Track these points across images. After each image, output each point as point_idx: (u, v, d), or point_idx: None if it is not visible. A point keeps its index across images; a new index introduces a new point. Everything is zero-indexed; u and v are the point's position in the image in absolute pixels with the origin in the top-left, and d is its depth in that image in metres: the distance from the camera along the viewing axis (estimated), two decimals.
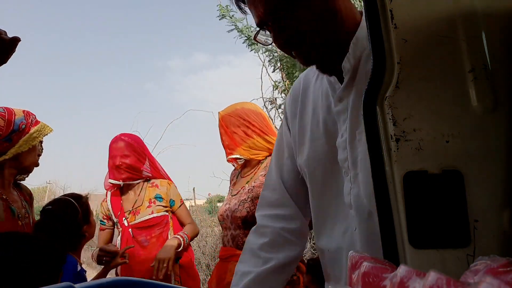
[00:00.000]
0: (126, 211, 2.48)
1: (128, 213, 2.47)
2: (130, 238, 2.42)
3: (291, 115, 1.09)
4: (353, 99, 0.90)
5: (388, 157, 0.60)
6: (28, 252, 1.28)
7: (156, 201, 2.48)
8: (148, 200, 2.49)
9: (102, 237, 2.56)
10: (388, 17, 0.61)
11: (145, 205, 2.47)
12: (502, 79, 0.58)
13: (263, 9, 0.85)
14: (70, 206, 1.87)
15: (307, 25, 0.83)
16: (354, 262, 0.43)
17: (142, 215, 2.45)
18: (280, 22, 0.84)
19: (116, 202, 2.52)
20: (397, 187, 0.59)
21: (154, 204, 2.48)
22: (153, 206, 2.47)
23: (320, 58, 0.89)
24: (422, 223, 0.58)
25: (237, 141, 2.07)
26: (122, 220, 2.46)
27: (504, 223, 0.56)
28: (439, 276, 0.29)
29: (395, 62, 0.61)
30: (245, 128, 2.07)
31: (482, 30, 0.59)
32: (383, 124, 0.61)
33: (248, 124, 2.08)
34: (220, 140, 2.17)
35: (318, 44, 0.86)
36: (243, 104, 2.20)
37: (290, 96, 1.12)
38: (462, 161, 0.58)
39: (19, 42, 1.05)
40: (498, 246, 0.56)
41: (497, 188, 0.57)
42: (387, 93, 0.61)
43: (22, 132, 1.68)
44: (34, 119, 1.77)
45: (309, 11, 0.83)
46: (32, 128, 1.73)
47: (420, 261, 0.57)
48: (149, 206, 2.47)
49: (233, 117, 2.11)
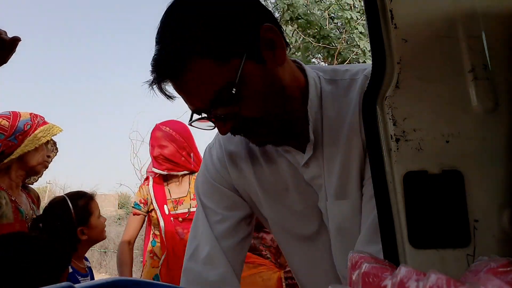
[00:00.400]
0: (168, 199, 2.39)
1: (171, 202, 2.38)
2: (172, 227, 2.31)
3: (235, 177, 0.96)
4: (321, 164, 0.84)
5: (388, 157, 0.60)
6: (28, 252, 1.28)
7: None
8: (193, 193, 2.34)
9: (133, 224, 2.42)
10: (388, 17, 0.61)
11: (190, 197, 2.38)
12: (502, 79, 0.58)
13: (199, 101, 0.75)
14: (62, 206, 1.83)
15: (252, 111, 0.75)
16: (354, 262, 0.43)
17: (185, 206, 2.36)
18: (222, 113, 0.74)
19: (159, 189, 2.42)
20: (397, 187, 0.59)
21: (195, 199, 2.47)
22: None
23: (273, 138, 0.82)
24: (422, 223, 0.58)
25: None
26: (163, 208, 2.36)
27: (504, 223, 0.56)
28: (439, 276, 0.29)
29: (395, 62, 0.61)
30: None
31: (482, 30, 0.59)
32: (383, 124, 0.61)
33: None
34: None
35: (269, 126, 0.78)
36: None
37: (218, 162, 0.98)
38: (462, 161, 0.58)
39: (19, 42, 1.06)
40: (498, 246, 0.56)
41: (497, 188, 0.57)
42: (387, 93, 0.61)
43: (27, 132, 1.69)
44: (42, 120, 1.79)
45: (252, 96, 0.74)
46: (39, 128, 1.74)
47: (420, 261, 0.57)
48: (194, 199, 2.33)
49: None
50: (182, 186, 2.42)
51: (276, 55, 0.77)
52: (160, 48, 0.74)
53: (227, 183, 0.97)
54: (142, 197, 2.43)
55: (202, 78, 0.72)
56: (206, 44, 0.71)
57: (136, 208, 2.44)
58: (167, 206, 2.35)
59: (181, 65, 0.72)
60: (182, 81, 0.74)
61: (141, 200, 2.43)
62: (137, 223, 2.44)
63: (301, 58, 5.37)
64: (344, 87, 0.84)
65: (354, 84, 0.83)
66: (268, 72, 0.76)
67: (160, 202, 2.37)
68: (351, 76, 0.85)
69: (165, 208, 2.34)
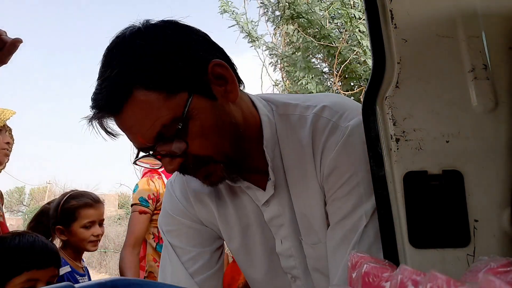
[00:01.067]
0: None
1: None
2: None
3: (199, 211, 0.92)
4: (284, 203, 0.81)
5: (388, 157, 0.60)
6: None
7: None
8: None
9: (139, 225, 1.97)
10: (388, 17, 0.61)
11: None
12: (502, 79, 0.58)
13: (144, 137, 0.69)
14: (58, 200, 1.82)
15: (201, 149, 0.70)
16: (354, 262, 0.43)
17: None
18: (168, 150, 0.70)
19: None
20: (397, 187, 0.59)
21: None
22: None
23: (226, 177, 0.76)
24: (422, 223, 0.58)
25: None
26: None
27: (504, 223, 0.56)
28: (439, 276, 0.29)
29: (395, 62, 0.61)
30: None
31: (482, 30, 0.59)
32: (383, 124, 0.61)
33: None
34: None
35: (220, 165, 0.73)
36: None
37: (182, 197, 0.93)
38: (462, 161, 0.58)
39: (21, 43, 1.05)
40: (498, 246, 0.56)
41: (497, 188, 0.57)
42: (387, 93, 0.61)
43: None
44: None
45: (201, 132, 0.70)
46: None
47: (420, 261, 0.57)
48: None
49: None
50: None
51: (228, 91, 0.74)
52: (101, 81, 0.69)
53: (194, 217, 0.92)
54: (152, 192, 2.01)
55: (146, 111, 0.67)
56: (151, 75, 0.67)
57: (143, 205, 1.99)
58: None
59: (123, 96, 0.67)
60: (124, 115, 0.68)
61: (150, 196, 2.01)
62: (145, 224, 2.00)
63: (302, 57, 5.36)
64: (295, 123, 0.80)
65: (305, 122, 0.79)
66: (219, 108, 0.72)
67: None
68: (300, 112, 0.81)
69: None
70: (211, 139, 0.70)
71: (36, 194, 27.03)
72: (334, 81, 5.29)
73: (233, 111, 0.75)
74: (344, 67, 5.08)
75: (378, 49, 0.62)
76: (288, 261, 0.85)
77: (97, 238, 1.80)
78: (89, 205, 1.80)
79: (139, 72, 0.67)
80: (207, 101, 0.71)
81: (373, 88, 0.62)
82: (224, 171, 0.74)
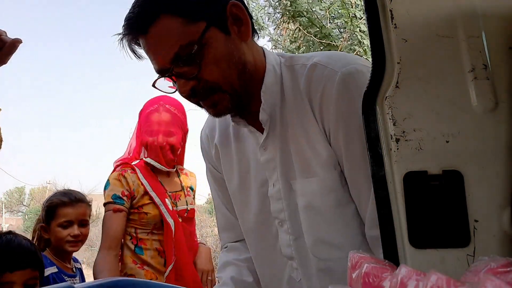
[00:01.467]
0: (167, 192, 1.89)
1: (170, 197, 1.88)
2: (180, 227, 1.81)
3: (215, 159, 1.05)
4: (281, 147, 0.87)
5: (388, 157, 0.60)
6: None
7: (190, 192, 1.99)
8: (186, 188, 1.97)
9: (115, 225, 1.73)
10: (388, 17, 0.61)
11: (185, 192, 1.95)
12: (502, 79, 0.58)
13: (163, 57, 0.78)
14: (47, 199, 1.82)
15: (211, 75, 0.78)
16: (354, 262, 0.43)
17: (182, 203, 1.91)
18: (183, 71, 0.78)
19: (153, 179, 1.87)
20: (397, 187, 0.59)
21: (189, 195, 1.98)
22: (191, 196, 1.99)
23: (228, 109, 0.84)
24: (422, 223, 0.58)
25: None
26: (165, 202, 1.82)
27: (504, 223, 0.56)
28: (439, 276, 0.29)
29: (395, 62, 0.61)
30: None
31: (482, 30, 0.59)
32: (383, 124, 0.61)
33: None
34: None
35: (225, 94, 0.81)
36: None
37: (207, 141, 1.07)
38: (462, 161, 0.58)
39: (20, 43, 1.05)
40: (498, 246, 0.56)
41: (497, 188, 0.57)
42: (387, 93, 0.61)
43: None
44: None
45: (212, 60, 0.78)
46: None
47: (420, 261, 0.57)
48: (188, 195, 1.96)
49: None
50: (172, 179, 1.95)
51: (241, 31, 0.83)
52: (134, 6, 0.80)
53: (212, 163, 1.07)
54: (126, 188, 1.80)
55: (168, 34, 0.77)
56: (177, 3, 0.78)
57: (117, 203, 1.75)
58: (168, 200, 1.84)
59: (150, 20, 0.77)
60: (149, 36, 0.78)
61: (124, 192, 1.78)
62: (120, 223, 1.74)
63: None
64: (297, 71, 0.88)
65: (304, 69, 0.86)
66: (232, 43, 0.81)
67: (160, 194, 1.83)
68: (303, 62, 0.88)
69: (167, 202, 1.82)
70: (221, 67, 0.79)
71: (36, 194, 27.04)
72: None
73: (244, 50, 0.83)
74: None
75: (378, 49, 0.62)
76: (277, 204, 0.89)
77: (75, 239, 1.70)
78: (67, 203, 1.72)
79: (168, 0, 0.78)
80: (222, 34, 0.80)
81: (373, 88, 0.62)
82: (230, 102, 0.82)
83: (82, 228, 1.76)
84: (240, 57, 0.81)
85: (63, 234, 1.71)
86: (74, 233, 1.71)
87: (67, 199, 1.74)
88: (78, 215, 1.75)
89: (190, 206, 1.93)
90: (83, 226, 1.76)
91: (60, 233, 1.70)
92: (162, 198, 1.82)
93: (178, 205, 1.87)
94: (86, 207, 1.81)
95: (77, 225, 1.73)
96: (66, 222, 1.71)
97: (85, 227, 1.78)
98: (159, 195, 1.82)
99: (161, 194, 1.83)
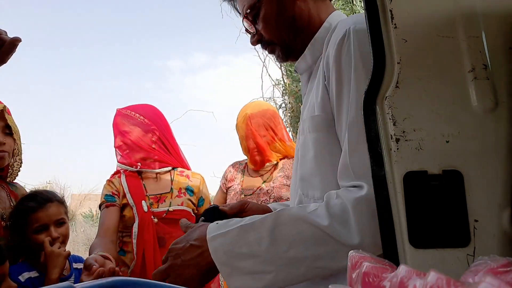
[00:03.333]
0: (146, 195, 1.89)
1: (148, 198, 1.88)
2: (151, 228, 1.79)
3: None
4: (306, 96, 0.98)
5: (388, 157, 0.60)
6: None
7: (187, 194, 1.93)
8: (178, 189, 1.93)
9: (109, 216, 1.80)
10: (388, 17, 0.61)
11: (175, 194, 1.91)
12: (502, 79, 0.58)
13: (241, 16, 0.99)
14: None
15: (265, 32, 0.96)
16: (354, 262, 0.43)
17: (167, 204, 1.87)
18: (249, 27, 1.00)
19: (135, 182, 1.90)
20: (397, 187, 0.59)
21: (185, 195, 1.92)
22: (183, 198, 1.91)
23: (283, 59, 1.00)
24: (422, 223, 0.58)
25: (264, 145, 2.13)
26: (140, 204, 1.83)
27: (504, 223, 0.56)
28: (439, 276, 0.29)
29: (395, 62, 0.61)
30: (272, 133, 2.16)
31: (482, 30, 0.59)
32: (383, 124, 0.61)
33: (274, 129, 2.16)
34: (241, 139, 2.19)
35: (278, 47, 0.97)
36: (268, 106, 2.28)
37: None
38: (462, 161, 0.58)
39: (20, 42, 1.05)
40: (498, 246, 0.56)
41: (497, 188, 0.57)
42: (387, 93, 0.61)
43: None
44: None
45: (265, 20, 0.94)
46: None
47: (420, 261, 0.57)
48: (179, 196, 1.91)
49: (262, 120, 2.16)
50: (162, 182, 1.94)
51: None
52: None
53: None
54: (114, 189, 1.89)
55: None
56: None
57: (109, 200, 1.84)
58: (145, 202, 1.84)
59: None
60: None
61: (113, 192, 1.88)
62: (115, 215, 1.81)
63: None
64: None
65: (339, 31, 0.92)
66: (285, 2, 0.93)
67: (137, 197, 1.85)
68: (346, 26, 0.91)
69: (143, 204, 1.82)
70: (272, 25, 0.94)
71: None
72: None
73: (298, 6, 0.94)
74: None
75: (378, 49, 0.62)
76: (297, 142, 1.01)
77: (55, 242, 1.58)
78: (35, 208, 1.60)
79: None
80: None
81: (373, 88, 0.62)
82: (283, 53, 0.98)
83: (59, 228, 1.62)
84: (292, 15, 0.93)
85: (40, 239, 1.57)
86: (52, 236, 1.58)
87: (34, 204, 1.60)
88: (51, 216, 1.61)
89: (176, 207, 1.86)
90: (60, 226, 1.63)
91: (37, 239, 1.57)
92: (137, 200, 1.83)
93: (160, 207, 1.85)
94: (57, 206, 1.65)
95: (53, 227, 1.60)
96: (40, 227, 1.58)
97: (62, 226, 1.64)
98: (135, 197, 1.83)
99: (137, 197, 1.84)
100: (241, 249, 0.76)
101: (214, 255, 0.77)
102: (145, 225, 1.78)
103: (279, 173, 2.14)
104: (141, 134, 1.89)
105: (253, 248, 0.75)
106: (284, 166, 2.17)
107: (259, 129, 2.14)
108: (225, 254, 0.77)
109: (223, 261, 0.77)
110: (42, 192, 1.70)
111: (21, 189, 1.81)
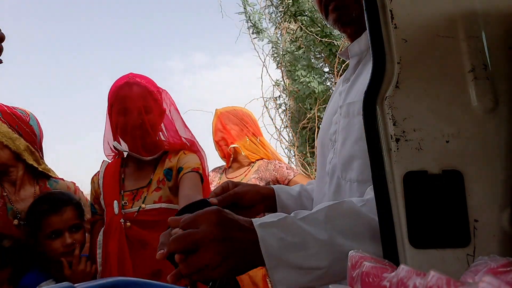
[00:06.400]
0: (121, 191, 1.62)
1: (122, 196, 1.60)
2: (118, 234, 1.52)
3: None
4: (353, 80, 0.97)
5: (388, 157, 0.60)
6: None
7: (165, 181, 1.61)
8: (156, 180, 1.61)
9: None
10: (388, 17, 0.61)
11: (152, 187, 1.60)
12: (502, 79, 0.58)
13: None
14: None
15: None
16: (354, 262, 0.43)
17: (142, 202, 1.58)
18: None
19: (113, 176, 1.65)
20: (397, 187, 0.59)
21: (163, 185, 1.60)
22: (161, 190, 1.59)
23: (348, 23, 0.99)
24: (422, 223, 0.58)
25: (233, 136, 2.22)
26: (112, 206, 1.57)
27: (504, 223, 0.56)
28: (439, 276, 0.29)
29: (395, 62, 0.61)
30: (241, 127, 2.25)
31: (482, 30, 0.59)
32: (383, 124, 0.61)
33: (246, 125, 2.26)
34: (213, 135, 2.31)
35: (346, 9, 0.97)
36: (242, 109, 2.41)
37: None
38: (462, 161, 0.58)
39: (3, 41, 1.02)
40: (498, 246, 0.56)
41: (497, 188, 0.57)
42: (387, 93, 0.61)
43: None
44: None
45: None
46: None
47: (420, 261, 0.57)
48: (157, 189, 1.59)
49: (231, 115, 2.27)
50: (144, 171, 1.65)
51: None
52: None
53: None
54: (93, 190, 1.69)
55: None
56: None
57: (92, 212, 1.69)
58: (117, 203, 1.58)
59: None
60: None
61: (95, 197, 1.68)
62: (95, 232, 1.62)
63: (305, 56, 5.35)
64: None
65: None
66: None
67: (109, 196, 1.61)
68: None
69: (114, 205, 1.57)
70: None
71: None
72: (334, 81, 5.29)
73: None
74: (345, 66, 5.09)
75: (378, 49, 0.62)
76: (333, 127, 0.99)
77: (69, 249, 1.48)
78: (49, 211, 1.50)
79: None
80: None
81: (373, 88, 0.62)
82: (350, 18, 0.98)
83: (74, 233, 1.52)
84: None
85: (54, 246, 1.48)
86: (67, 243, 1.48)
87: (47, 207, 1.49)
88: (66, 222, 1.50)
89: (160, 205, 1.56)
90: (75, 232, 1.52)
91: (50, 246, 1.48)
92: (110, 200, 1.59)
93: (134, 206, 1.57)
94: (72, 210, 1.53)
95: (67, 232, 1.50)
96: (53, 232, 1.48)
97: (78, 231, 1.53)
98: (107, 197, 1.60)
99: (110, 196, 1.60)
100: (293, 239, 0.67)
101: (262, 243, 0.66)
102: (111, 231, 1.53)
103: (253, 174, 2.20)
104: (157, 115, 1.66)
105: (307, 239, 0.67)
106: (259, 168, 2.22)
107: (228, 123, 2.25)
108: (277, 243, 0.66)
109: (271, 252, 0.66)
110: (58, 194, 1.58)
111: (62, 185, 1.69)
